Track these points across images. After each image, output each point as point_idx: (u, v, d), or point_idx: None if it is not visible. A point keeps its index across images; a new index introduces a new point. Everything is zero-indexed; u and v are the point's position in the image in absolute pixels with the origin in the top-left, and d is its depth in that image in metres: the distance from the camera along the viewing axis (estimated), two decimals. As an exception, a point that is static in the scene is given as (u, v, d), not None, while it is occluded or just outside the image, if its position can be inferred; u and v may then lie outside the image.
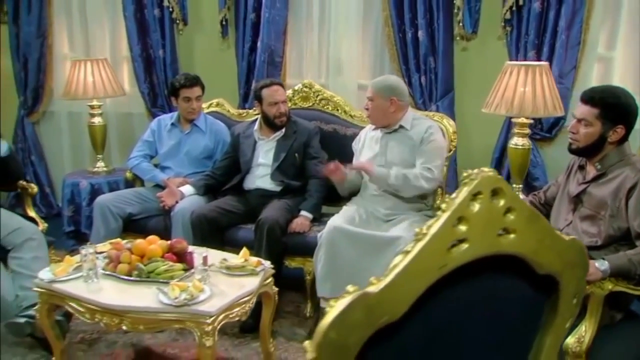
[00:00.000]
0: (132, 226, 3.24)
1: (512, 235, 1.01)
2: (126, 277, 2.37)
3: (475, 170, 0.96)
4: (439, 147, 2.92)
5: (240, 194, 3.25)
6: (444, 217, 0.92)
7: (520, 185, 3.11)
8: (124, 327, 2.24)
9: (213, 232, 2.98)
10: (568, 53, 3.32)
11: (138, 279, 2.35)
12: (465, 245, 0.95)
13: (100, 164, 3.98)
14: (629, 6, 3.34)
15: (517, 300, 1.13)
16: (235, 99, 3.97)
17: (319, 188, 3.13)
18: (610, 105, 2.10)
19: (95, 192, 3.71)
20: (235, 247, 2.79)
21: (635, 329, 2.12)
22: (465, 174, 0.95)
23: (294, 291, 3.06)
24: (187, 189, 3.22)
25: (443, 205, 0.94)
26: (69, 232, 3.78)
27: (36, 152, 4.45)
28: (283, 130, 3.22)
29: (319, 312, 2.85)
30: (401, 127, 2.94)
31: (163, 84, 4.13)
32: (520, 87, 2.81)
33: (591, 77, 3.46)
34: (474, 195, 0.95)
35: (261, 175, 3.21)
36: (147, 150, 3.51)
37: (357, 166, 2.98)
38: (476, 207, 0.95)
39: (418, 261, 0.90)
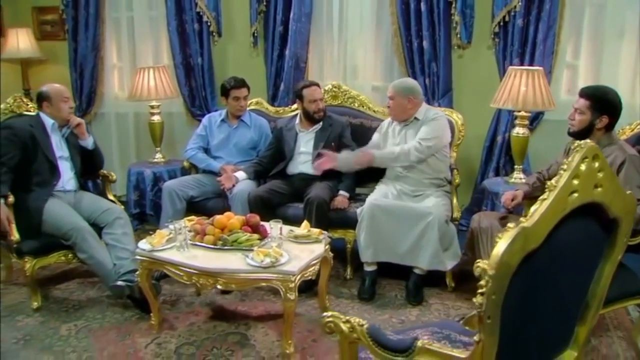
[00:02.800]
0: (194, 207, 3.34)
1: (599, 189, 1.23)
2: (212, 246, 2.50)
3: (582, 142, 1.17)
4: (437, 129, 3.05)
5: (285, 178, 3.38)
6: (566, 174, 1.13)
7: (521, 166, 3.33)
8: (218, 287, 2.38)
9: (267, 209, 3.09)
10: (545, 60, 3.55)
11: (223, 247, 2.49)
12: (576, 195, 1.17)
13: (159, 155, 4.05)
14: (588, 25, 3.61)
15: (592, 236, 1.35)
16: (263, 100, 4.09)
17: (352, 172, 3.27)
18: (598, 99, 2.38)
19: (157, 179, 3.79)
20: (285, 222, 2.91)
21: (624, 275, 2.38)
22: (576, 144, 1.17)
23: (335, 258, 3.21)
24: (240, 174, 3.34)
25: (564, 166, 1.14)
26: (135, 213, 3.84)
27: (90, 147, 4.49)
28: (321, 123, 3.36)
29: (363, 273, 3.03)
30: (415, 119, 3.13)
31: (201, 87, 4.21)
32: (522, 87, 3.03)
33: (561, 81, 3.70)
34: (583, 159, 1.16)
35: (303, 162, 3.34)
36: (200, 142, 3.60)
37: (362, 162, 3.06)
38: (583, 167, 1.17)
39: (552, 205, 1.11)
